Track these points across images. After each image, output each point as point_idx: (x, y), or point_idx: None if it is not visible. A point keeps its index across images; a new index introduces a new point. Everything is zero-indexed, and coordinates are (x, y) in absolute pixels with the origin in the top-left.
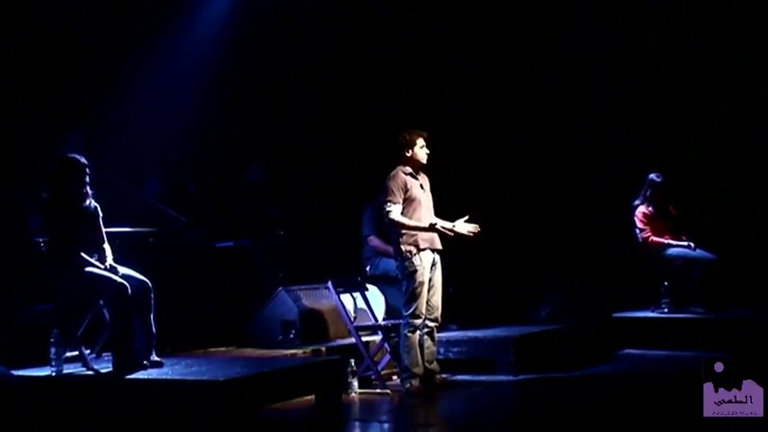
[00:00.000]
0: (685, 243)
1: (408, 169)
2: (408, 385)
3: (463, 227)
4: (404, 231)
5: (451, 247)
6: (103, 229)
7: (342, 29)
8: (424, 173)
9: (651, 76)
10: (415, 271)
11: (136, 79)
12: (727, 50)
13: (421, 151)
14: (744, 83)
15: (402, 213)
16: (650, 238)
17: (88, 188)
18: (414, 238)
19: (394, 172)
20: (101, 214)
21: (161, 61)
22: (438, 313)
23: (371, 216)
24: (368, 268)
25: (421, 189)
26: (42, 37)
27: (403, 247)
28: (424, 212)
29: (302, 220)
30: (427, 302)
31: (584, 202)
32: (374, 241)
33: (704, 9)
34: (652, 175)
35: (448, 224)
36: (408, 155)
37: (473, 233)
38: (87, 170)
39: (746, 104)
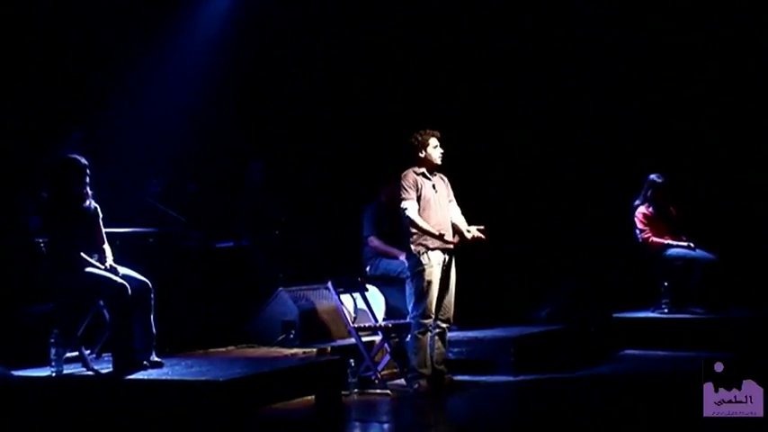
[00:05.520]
0: (685, 243)
1: (420, 169)
2: (417, 386)
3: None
4: (414, 230)
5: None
6: (103, 230)
7: (343, 28)
8: (441, 173)
9: (652, 77)
10: (423, 270)
11: (136, 80)
12: (728, 50)
13: (434, 151)
14: (744, 83)
15: None
16: (650, 239)
17: (88, 189)
18: (423, 238)
19: (405, 172)
20: (101, 215)
21: (161, 61)
22: (450, 314)
23: (371, 216)
24: (368, 268)
25: (433, 189)
26: (43, 37)
27: (413, 246)
28: (434, 213)
29: (302, 220)
30: (439, 303)
31: (584, 202)
32: (374, 242)
33: (704, 9)
34: (652, 176)
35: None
36: (422, 156)
37: (473, 237)
38: (87, 171)
39: (747, 104)
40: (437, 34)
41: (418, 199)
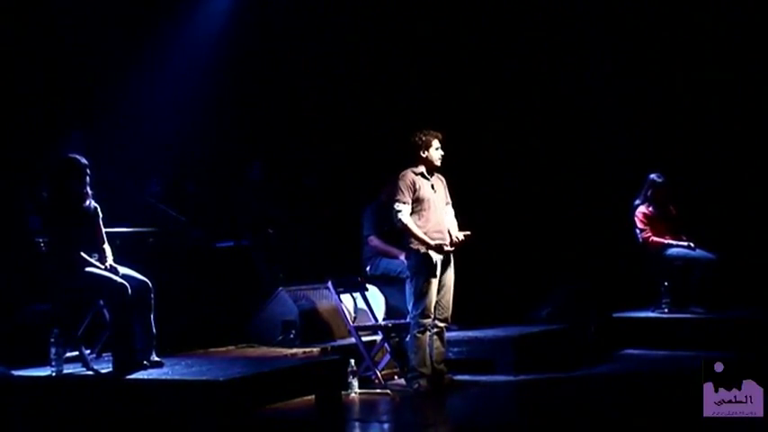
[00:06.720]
0: (685, 243)
1: (419, 169)
2: (417, 385)
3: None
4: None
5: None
6: (103, 230)
7: (343, 28)
8: (439, 174)
9: (651, 77)
10: (423, 270)
11: (136, 80)
12: (728, 50)
13: (435, 153)
14: (744, 83)
15: (410, 214)
16: (650, 239)
17: (88, 188)
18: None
19: (404, 172)
20: (101, 215)
21: (161, 61)
22: (448, 314)
23: (372, 216)
24: (368, 268)
25: (432, 190)
26: (43, 37)
27: (412, 246)
28: (433, 213)
29: (302, 220)
30: (438, 303)
31: (584, 202)
32: (374, 241)
33: (704, 9)
34: (653, 176)
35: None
36: (423, 156)
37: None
38: (87, 170)
39: (746, 104)
40: (438, 34)
41: (417, 200)
